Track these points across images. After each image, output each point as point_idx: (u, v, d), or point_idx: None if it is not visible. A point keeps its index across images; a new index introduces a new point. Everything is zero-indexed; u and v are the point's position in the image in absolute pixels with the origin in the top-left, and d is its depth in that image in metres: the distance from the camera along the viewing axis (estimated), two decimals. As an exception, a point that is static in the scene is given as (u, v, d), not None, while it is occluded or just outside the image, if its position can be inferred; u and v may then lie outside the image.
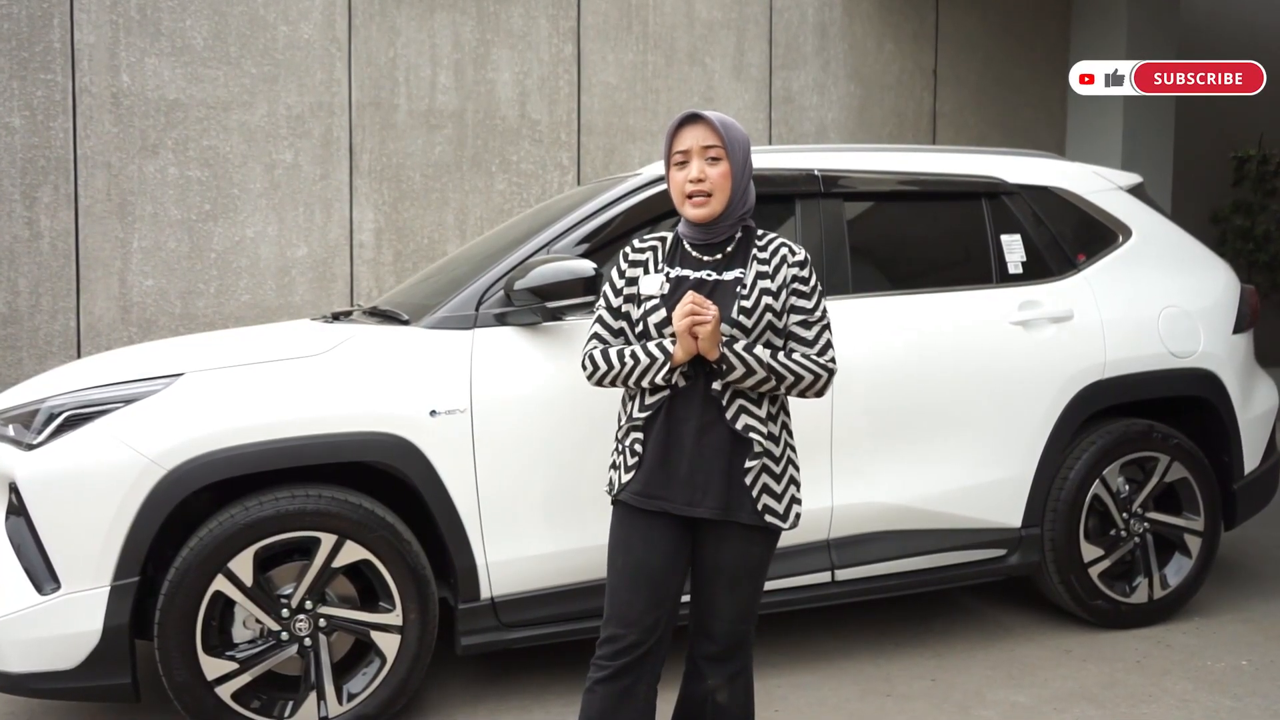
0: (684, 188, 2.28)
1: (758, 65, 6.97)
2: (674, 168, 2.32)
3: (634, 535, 2.27)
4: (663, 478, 2.24)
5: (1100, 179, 4.02)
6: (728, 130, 2.28)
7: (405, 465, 2.91)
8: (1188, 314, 3.86)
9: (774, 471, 2.28)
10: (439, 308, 3.12)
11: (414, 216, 6.03)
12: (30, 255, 5.24)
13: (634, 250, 2.39)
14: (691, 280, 2.28)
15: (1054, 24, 7.93)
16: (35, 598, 2.72)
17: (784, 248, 2.32)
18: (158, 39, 5.45)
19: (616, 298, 2.37)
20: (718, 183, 2.26)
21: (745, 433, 2.24)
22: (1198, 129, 8.73)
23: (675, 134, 2.31)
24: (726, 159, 2.27)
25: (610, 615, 2.28)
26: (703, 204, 2.27)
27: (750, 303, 2.23)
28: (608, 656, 2.27)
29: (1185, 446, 3.80)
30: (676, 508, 2.24)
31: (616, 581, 2.28)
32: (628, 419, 2.32)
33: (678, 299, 2.23)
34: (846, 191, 3.55)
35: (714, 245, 2.33)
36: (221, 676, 2.81)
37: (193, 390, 2.83)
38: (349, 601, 2.98)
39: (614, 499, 2.33)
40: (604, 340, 2.36)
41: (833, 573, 3.35)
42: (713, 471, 2.23)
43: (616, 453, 2.36)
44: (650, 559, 2.25)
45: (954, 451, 3.50)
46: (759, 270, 2.27)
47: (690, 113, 2.29)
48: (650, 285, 2.30)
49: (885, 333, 3.44)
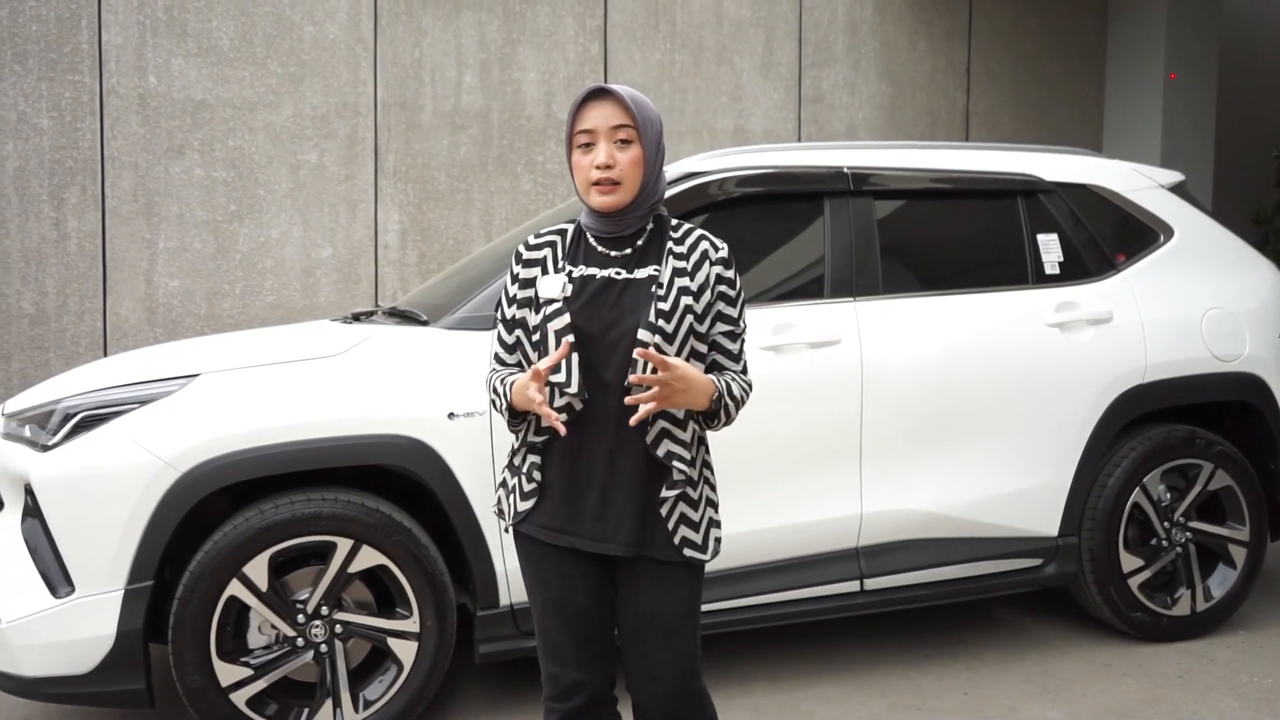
0: (589, 174, 1.97)
1: (787, 64, 6.87)
2: (577, 150, 2.00)
3: (547, 572, 2.02)
4: (569, 510, 1.98)
5: (1141, 177, 3.90)
6: (639, 108, 1.99)
7: (423, 469, 2.87)
8: (1232, 316, 3.74)
9: (691, 499, 2.01)
10: (458, 308, 3.07)
11: (439, 217, 5.99)
12: (58, 256, 5.26)
13: (528, 248, 2.07)
14: (599, 279, 1.98)
15: (1090, 21, 7.76)
16: (50, 601, 2.70)
17: (704, 241, 2.05)
18: (184, 40, 5.45)
19: (510, 307, 2.06)
20: (627, 169, 1.96)
21: (667, 460, 1.97)
22: (1239, 127, 8.53)
23: (579, 111, 1.99)
24: (639, 141, 1.98)
25: (545, 654, 2.06)
26: (609, 191, 1.96)
27: (668, 305, 1.94)
28: (553, 698, 2.05)
29: (1230, 453, 3.67)
30: (585, 544, 1.98)
31: (542, 620, 2.05)
32: (526, 438, 2.03)
33: (584, 300, 1.96)
34: (877, 190, 3.46)
35: (623, 239, 2.03)
36: (236, 682, 2.77)
37: (208, 391, 2.80)
38: (365, 607, 2.93)
39: (515, 529, 2.06)
40: (501, 361, 2.08)
41: (861, 582, 3.26)
42: (626, 503, 1.96)
43: (509, 473, 2.08)
44: (571, 597, 2.01)
45: (988, 457, 3.40)
46: (675, 267, 1.99)
47: (596, 87, 1.99)
48: (550, 287, 1.99)
49: (916, 335, 3.34)
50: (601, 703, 2.07)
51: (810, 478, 3.20)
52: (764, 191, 3.36)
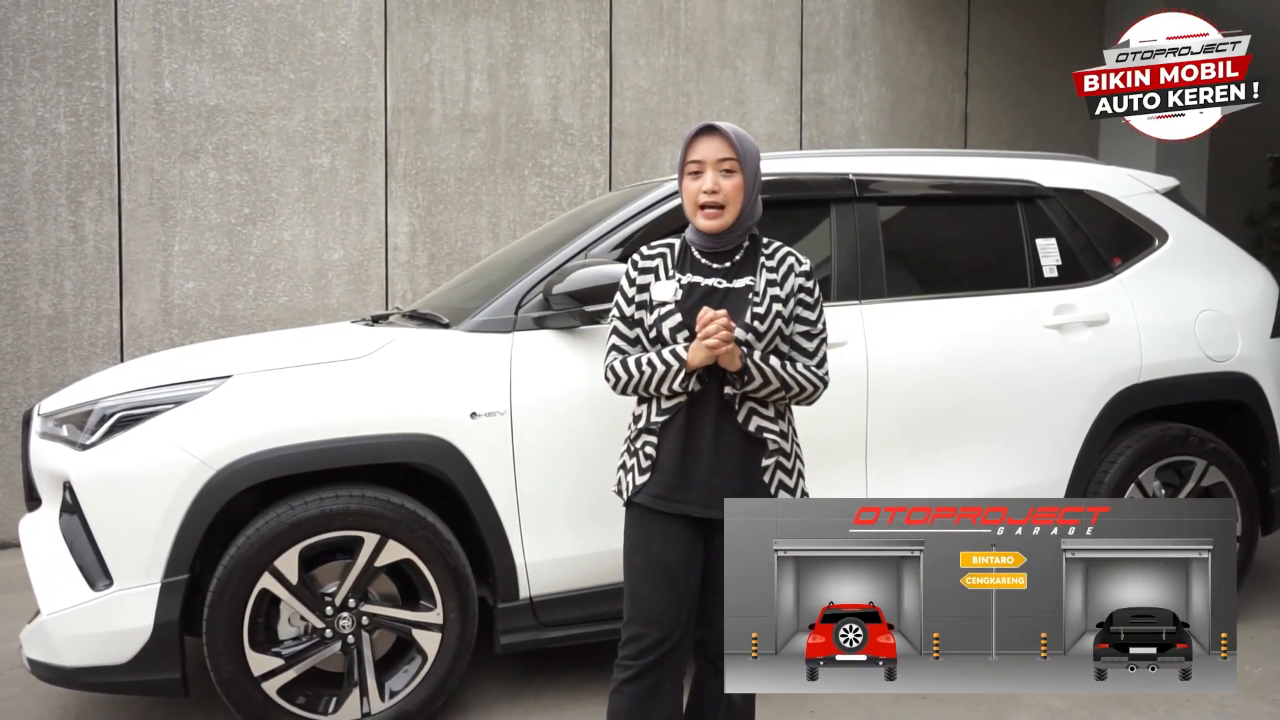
0: (698, 198, 2.33)
1: (789, 68, 6.98)
2: (688, 177, 2.36)
3: (652, 536, 2.32)
4: (681, 481, 2.30)
5: (1136, 182, 4.01)
6: (742, 143, 2.33)
7: (446, 466, 2.96)
8: (1225, 317, 3.85)
9: (786, 467, 2.36)
10: (479, 311, 3.16)
11: (448, 220, 6.10)
12: (75, 258, 5.36)
13: (643, 258, 2.42)
14: (703, 287, 2.34)
15: (1088, 25, 7.88)
16: (88, 594, 2.79)
17: (790, 257, 2.39)
18: (199, 46, 5.55)
19: (629, 306, 2.41)
20: (731, 195, 2.31)
21: (759, 433, 2.31)
22: (1234, 129, 8.62)
23: (691, 144, 2.35)
24: (740, 172, 2.32)
25: (632, 614, 2.33)
26: (715, 216, 2.32)
27: (763, 310, 2.30)
28: (632, 656, 2.31)
29: (1222, 451, 3.78)
30: (695, 510, 2.29)
31: (636, 581, 2.34)
32: (643, 423, 2.36)
33: (691, 304, 2.30)
34: (881, 195, 3.56)
35: (723, 254, 2.38)
36: (268, 672, 2.86)
37: (241, 392, 2.90)
38: (391, 600, 3.03)
39: (629, 501, 2.38)
40: (622, 350, 2.41)
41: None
42: (729, 473, 2.29)
43: (628, 455, 2.41)
44: (669, 558, 2.30)
45: (988, 456, 3.50)
46: (768, 278, 2.34)
47: (707, 124, 2.33)
48: (664, 292, 2.34)
49: (920, 336, 3.45)
50: (673, 667, 2.33)
51: (817, 474, 3.28)
52: (771, 198, 3.45)
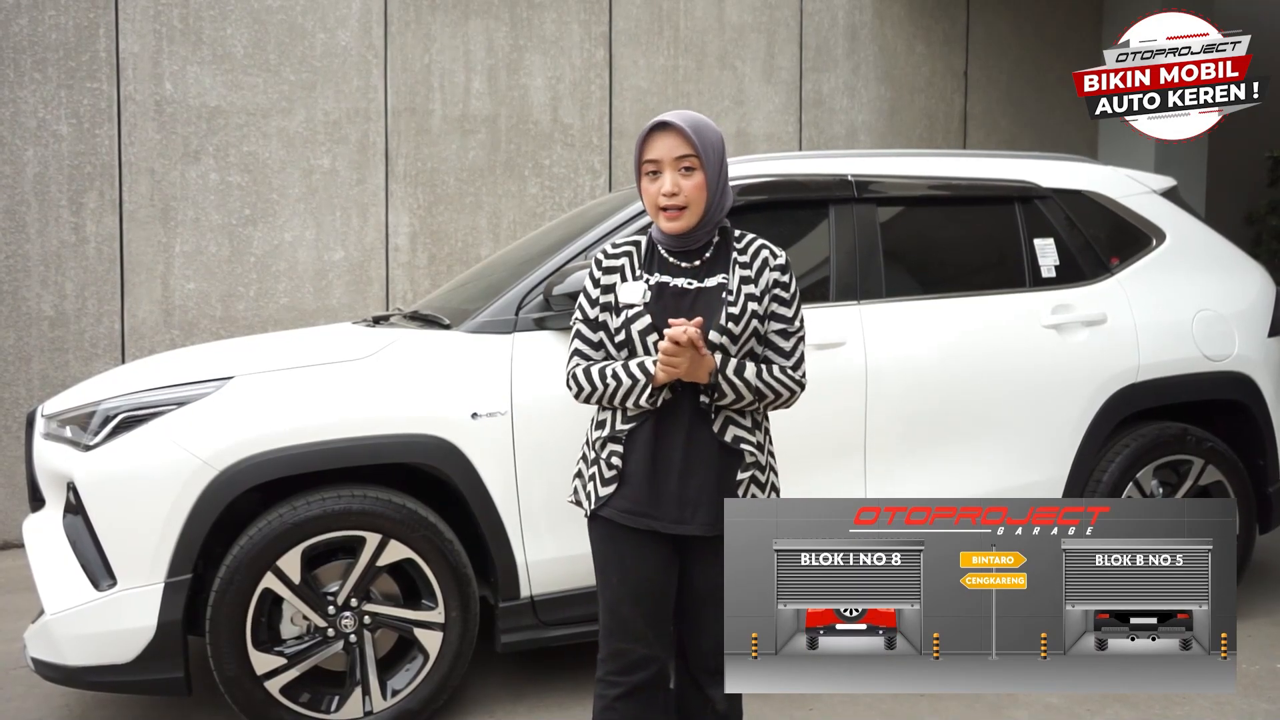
0: (657, 200, 2.17)
1: (788, 68, 6.99)
2: (645, 178, 2.20)
3: (625, 552, 2.20)
4: (650, 494, 2.17)
5: (1134, 182, 4.03)
6: (701, 136, 2.15)
7: (448, 466, 2.98)
8: (1222, 317, 3.86)
9: (760, 481, 2.23)
10: (480, 312, 3.18)
11: (448, 220, 6.11)
12: (76, 259, 5.37)
13: (607, 256, 2.27)
14: (673, 287, 2.20)
15: (1087, 25, 7.89)
16: (92, 593, 2.81)
17: (764, 250, 2.24)
18: (199, 47, 5.56)
19: (593, 308, 2.26)
20: (692, 195, 2.15)
21: (735, 444, 2.19)
22: (1233, 129, 8.63)
23: (645, 143, 2.18)
24: (701, 168, 2.15)
25: (614, 630, 2.22)
26: (676, 217, 2.16)
27: (738, 309, 2.15)
28: (619, 672, 2.21)
29: (1220, 450, 3.80)
30: (665, 526, 2.17)
31: (614, 597, 2.22)
32: (608, 430, 2.22)
33: (661, 306, 2.17)
34: (879, 196, 3.58)
35: (691, 251, 2.23)
36: (270, 671, 2.88)
37: (243, 393, 2.91)
38: (392, 599, 3.05)
39: (594, 514, 2.24)
40: (585, 356, 2.26)
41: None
42: (703, 486, 2.16)
43: (586, 464, 2.27)
44: (646, 575, 2.20)
45: (987, 455, 3.52)
46: (742, 275, 2.19)
47: (660, 120, 2.17)
48: (631, 293, 2.20)
49: (918, 336, 3.46)
50: (661, 677, 2.25)
51: (816, 474, 3.32)
52: (771, 199, 3.48)
